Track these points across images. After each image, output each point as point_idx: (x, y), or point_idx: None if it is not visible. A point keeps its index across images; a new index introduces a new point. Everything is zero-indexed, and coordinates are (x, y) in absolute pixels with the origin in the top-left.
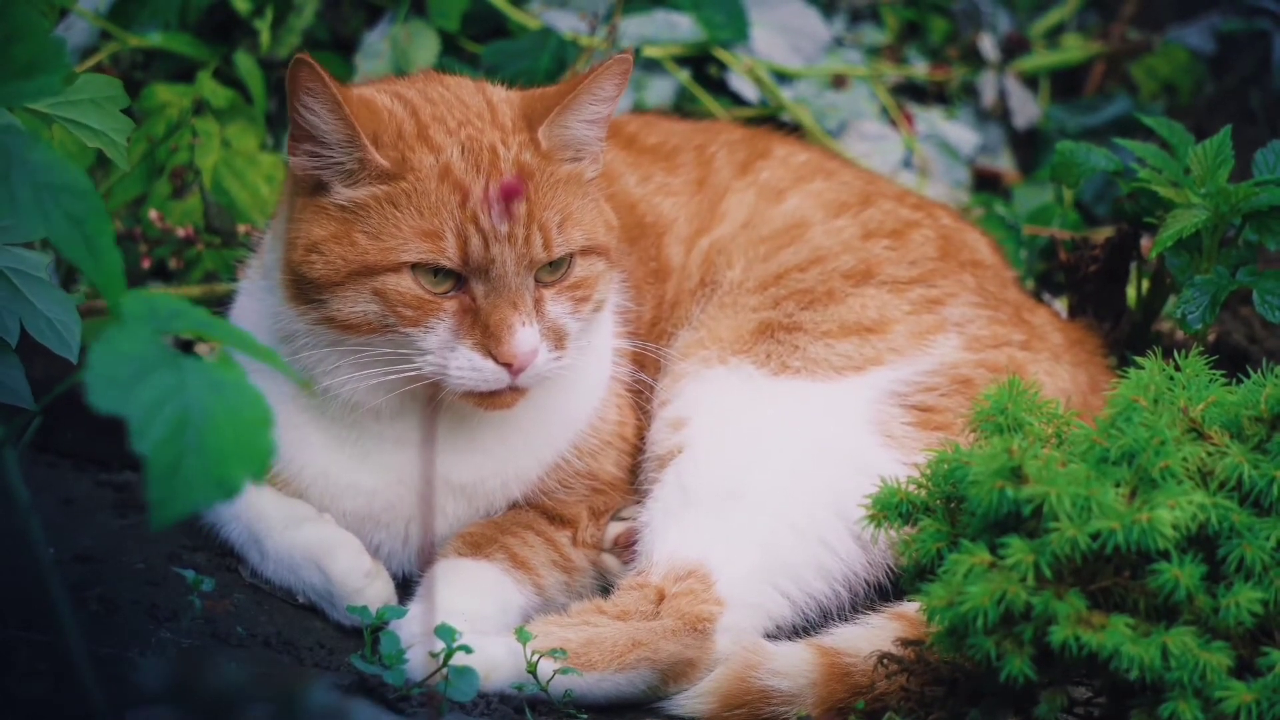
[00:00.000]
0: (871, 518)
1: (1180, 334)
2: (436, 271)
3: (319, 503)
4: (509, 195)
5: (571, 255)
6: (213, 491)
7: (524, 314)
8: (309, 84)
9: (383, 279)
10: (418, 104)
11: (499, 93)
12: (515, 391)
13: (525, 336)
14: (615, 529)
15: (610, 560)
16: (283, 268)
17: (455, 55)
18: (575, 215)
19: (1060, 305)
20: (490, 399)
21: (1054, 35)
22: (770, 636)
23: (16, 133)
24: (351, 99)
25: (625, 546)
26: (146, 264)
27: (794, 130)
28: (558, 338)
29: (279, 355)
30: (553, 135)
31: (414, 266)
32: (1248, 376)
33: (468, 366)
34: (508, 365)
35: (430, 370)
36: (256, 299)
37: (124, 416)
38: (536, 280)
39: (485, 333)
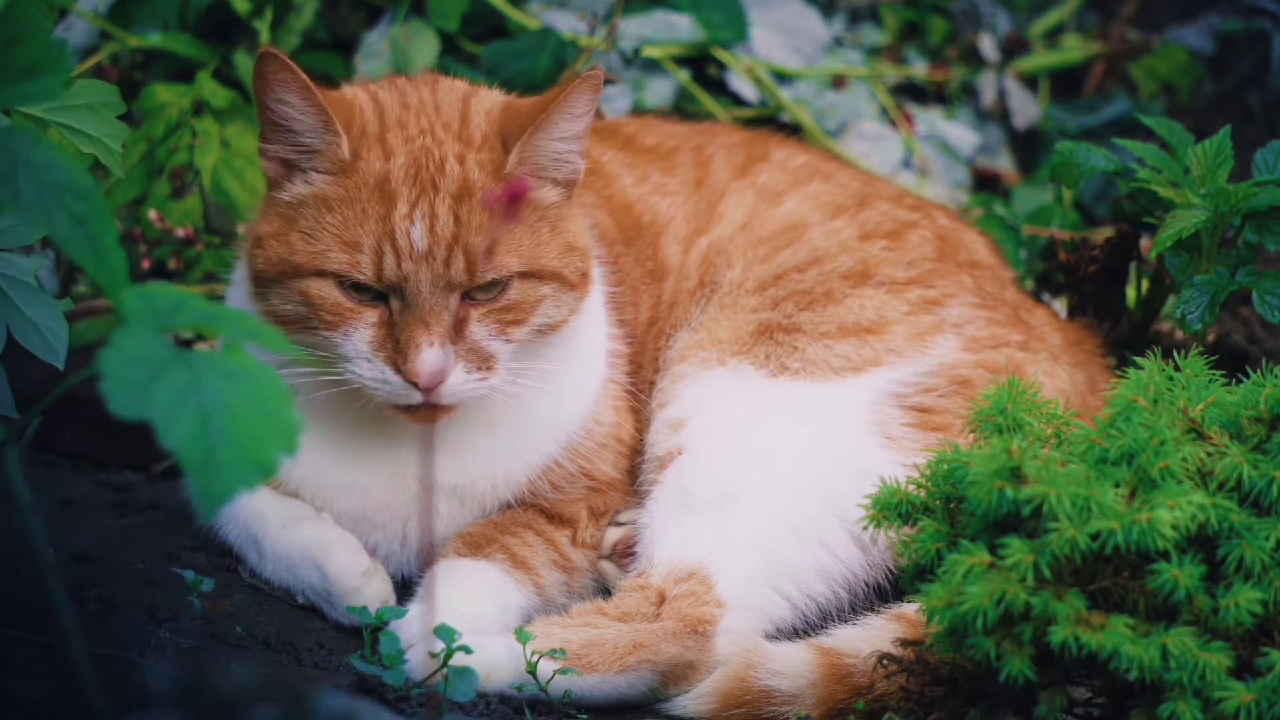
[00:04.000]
0: (871, 518)
1: (1180, 334)
2: (355, 283)
3: (312, 503)
4: (513, 197)
5: (507, 279)
6: (251, 474)
7: (434, 334)
8: (279, 74)
9: (308, 281)
10: (388, 106)
11: (484, 103)
12: (436, 408)
13: (430, 357)
14: (613, 535)
15: (608, 566)
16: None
17: (455, 55)
18: (515, 240)
19: (1060, 305)
20: (412, 413)
21: (1053, 35)
22: (770, 637)
23: (20, 133)
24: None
25: (624, 554)
26: (146, 264)
27: (793, 131)
28: (482, 359)
29: (276, 338)
30: (524, 157)
31: (336, 274)
32: (1247, 376)
33: (380, 379)
34: (414, 383)
35: (350, 376)
36: (242, 288)
37: (147, 419)
38: (468, 299)
39: (396, 348)
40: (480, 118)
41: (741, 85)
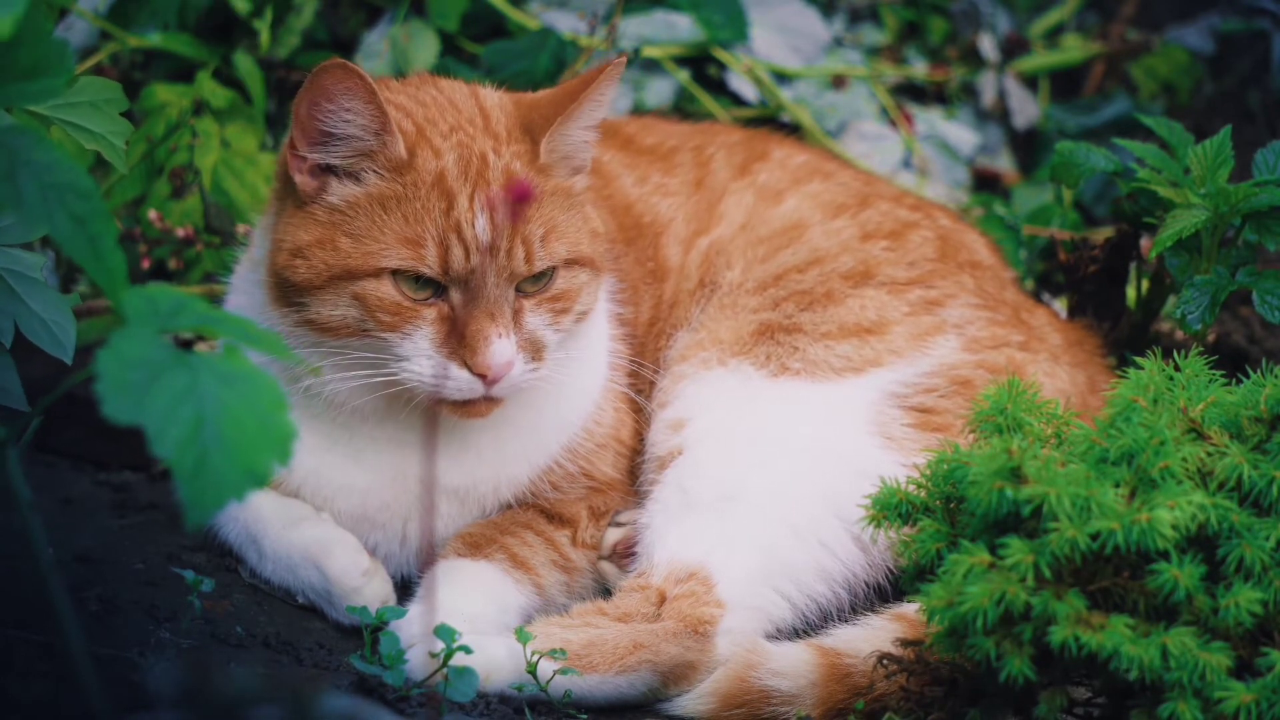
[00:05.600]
0: (871, 518)
1: (1180, 334)
2: (417, 279)
3: (312, 503)
4: (519, 197)
5: (554, 268)
6: (243, 482)
7: (501, 325)
8: (345, 83)
9: (363, 284)
10: (410, 107)
11: (492, 97)
12: (490, 401)
13: (500, 348)
14: (613, 536)
15: (608, 568)
16: (266, 271)
17: (455, 55)
18: (560, 228)
19: (1060, 305)
20: (464, 407)
21: (1053, 35)
22: (770, 637)
23: (22, 133)
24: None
25: (624, 554)
26: (146, 264)
27: (793, 131)
28: (535, 349)
29: (277, 345)
30: (553, 147)
31: (394, 273)
32: (1247, 376)
33: (443, 375)
34: (482, 376)
35: (405, 376)
36: (246, 294)
37: (140, 425)
38: (518, 291)
39: (461, 342)
40: (497, 112)
41: (741, 85)
